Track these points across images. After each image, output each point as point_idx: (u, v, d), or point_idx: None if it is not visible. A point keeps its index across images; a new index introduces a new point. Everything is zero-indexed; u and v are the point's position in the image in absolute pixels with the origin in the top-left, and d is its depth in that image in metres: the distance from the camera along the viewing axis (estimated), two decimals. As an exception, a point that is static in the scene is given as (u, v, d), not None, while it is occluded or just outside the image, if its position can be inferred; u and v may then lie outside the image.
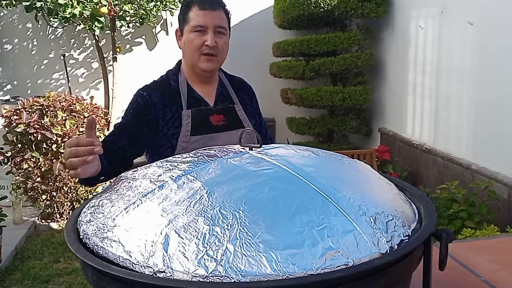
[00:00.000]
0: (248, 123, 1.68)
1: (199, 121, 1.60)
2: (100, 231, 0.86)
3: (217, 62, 1.63)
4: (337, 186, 0.88)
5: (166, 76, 1.70)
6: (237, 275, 0.71)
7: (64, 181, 4.13)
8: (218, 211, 0.80)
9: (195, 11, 1.58)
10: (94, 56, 5.66)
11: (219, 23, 1.60)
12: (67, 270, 3.48)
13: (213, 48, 1.58)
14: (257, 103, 1.81)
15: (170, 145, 1.58)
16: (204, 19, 1.57)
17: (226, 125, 1.64)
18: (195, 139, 1.58)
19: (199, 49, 1.58)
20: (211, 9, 1.58)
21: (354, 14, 4.94)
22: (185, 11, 1.61)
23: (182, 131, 1.58)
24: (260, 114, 1.83)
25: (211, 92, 1.69)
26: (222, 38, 1.62)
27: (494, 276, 1.18)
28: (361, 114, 5.39)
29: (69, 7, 4.54)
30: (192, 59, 1.61)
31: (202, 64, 1.60)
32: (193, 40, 1.58)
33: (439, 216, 3.16)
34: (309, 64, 4.95)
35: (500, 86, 3.43)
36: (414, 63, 4.61)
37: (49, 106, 4.09)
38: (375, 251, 0.77)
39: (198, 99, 1.65)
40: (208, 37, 1.57)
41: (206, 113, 1.63)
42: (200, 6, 1.57)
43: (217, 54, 1.61)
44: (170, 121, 1.60)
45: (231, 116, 1.67)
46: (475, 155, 3.73)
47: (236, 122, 1.66)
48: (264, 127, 1.84)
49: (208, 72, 1.64)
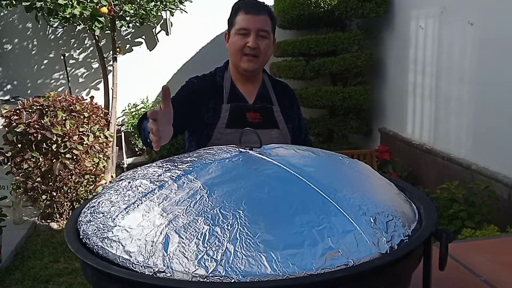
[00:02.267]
0: (284, 125, 1.77)
1: (235, 115, 1.72)
2: (100, 231, 0.86)
3: (258, 63, 1.73)
4: (337, 186, 0.88)
5: (214, 72, 1.82)
6: (237, 275, 0.71)
7: (64, 181, 4.13)
8: (218, 211, 0.80)
9: (241, 15, 1.70)
10: (94, 56, 5.66)
11: (261, 27, 1.69)
12: (67, 270, 3.48)
13: (254, 50, 1.69)
14: (298, 109, 1.90)
15: (207, 134, 1.70)
16: (248, 22, 1.68)
17: (261, 123, 1.73)
18: (229, 131, 1.69)
19: (241, 50, 1.69)
20: (255, 14, 1.69)
21: (354, 14, 4.94)
22: (234, 16, 1.73)
23: (219, 123, 1.70)
24: (301, 119, 1.91)
25: (252, 92, 1.79)
26: (264, 41, 1.71)
27: (494, 276, 1.18)
28: (361, 114, 5.39)
29: (69, 7, 4.54)
30: (235, 59, 1.73)
31: (243, 64, 1.71)
32: (237, 41, 1.70)
33: (439, 216, 3.16)
34: (309, 64, 4.95)
35: (500, 86, 3.43)
36: (414, 63, 4.61)
37: (49, 106, 4.09)
38: (375, 251, 0.77)
39: (239, 96, 1.76)
40: (250, 39, 1.68)
41: (243, 109, 1.74)
42: (246, 11, 1.69)
43: (258, 55, 1.71)
44: (210, 111, 1.72)
45: (267, 115, 1.76)
46: (475, 155, 3.73)
47: (271, 122, 1.76)
48: (304, 133, 1.92)
49: (250, 72, 1.74)
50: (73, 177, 4.17)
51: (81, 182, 4.27)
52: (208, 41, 5.85)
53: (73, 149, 4.06)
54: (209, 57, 5.54)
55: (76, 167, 4.14)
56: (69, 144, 4.04)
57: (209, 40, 5.85)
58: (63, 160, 4.03)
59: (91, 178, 4.35)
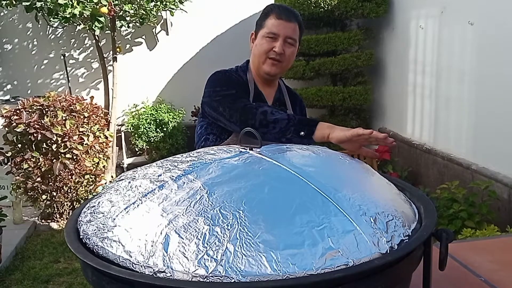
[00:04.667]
0: None
1: None
2: (100, 231, 0.86)
3: (281, 68, 1.75)
4: (337, 186, 0.88)
5: (236, 69, 1.81)
6: (237, 275, 0.71)
7: (64, 181, 4.13)
8: (218, 211, 0.80)
9: (272, 19, 1.70)
10: (94, 56, 5.66)
11: (290, 34, 1.71)
12: (67, 270, 3.48)
13: (279, 55, 1.70)
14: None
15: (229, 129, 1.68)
16: (278, 28, 1.69)
17: None
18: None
19: (267, 53, 1.71)
20: (286, 20, 1.70)
21: (354, 14, 4.94)
22: (264, 18, 1.74)
23: None
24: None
25: (270, 95, 1.81)
26: (290, 48, 1.72)
27: (494, 276, 1.18)
28: (361, 114, 5.39)
29: (69, 7, 4.54)
30: (259, 61, 1.74)
31: (266, 67, 1.73)
32: (263, 44, 1.71)
33: (439, 216, 3.16)
34: (309, 64, 4.95)
35: (500, 86, 3.43)
36: (414, 63, 4.61)
37: (49, 106, 4.09)
38: (375, 251, 0.77)
39: (261, 97, 1.77)
40: (278, 44, 1.69)
41: None
42: (277, 16, 1.70)
43: (282, 61, 1.72)
44: None
45: None
46: (475, 155, 3.73)
47: None
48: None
49: (271, 76, 1.76)
50: (73, 177, 4.17)
51: (81, 182, 4.27)
52: (208, 41, 5.85)
53: (73, 149, 4.06)
54: (209, 57, 5.55)
55: (76, 167, 4.14)
56: (69, 144, 4.04)
57: (209, 40, 5.85)
58: (63, 160, 4.03)
59: (91, 178, 4.35)
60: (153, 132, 5.52)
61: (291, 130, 1.48)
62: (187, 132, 5.63)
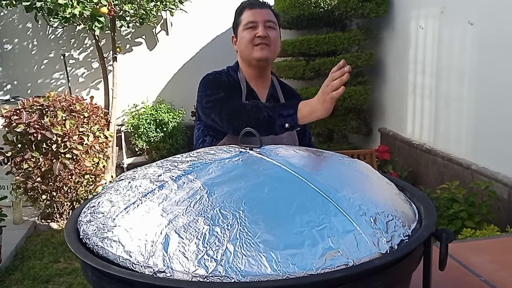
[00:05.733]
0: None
1: None
2: (100, 231, 0.86)
3: (271, 52, 1.73)
4: (337, 186, 0.88)
5: (227, 70, 1.81)
6: (237, 275, 0.71)
7: (64, 181, 4.13)
8: (218, 211, 0.80)
9: (246, 12, 1.74)
10: (94, 56, 5.66)
11: (268, 18, 1.73)
12: (67, 270, 3.48)
13: (265, 39, 1.70)
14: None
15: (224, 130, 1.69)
16: (254, 16, 1.72)
17: None
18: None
19: (252, 41, 1.71)
20: (259, 8, 1.74)
21: (354, 14, 4.94)
22: (238, 16, 1.78)
23: None
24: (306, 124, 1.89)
25: (263, 92, 1.80)
26: (273, 32, 1.73)
27: (494, 276, 1.17)
28: (361, 114, 5.39)
29: (69, 7, 4.54)
30: (247, 52, 1.73)
31: (256, 53, 1.71)
32: (246, 35, 1.72)
33: (439, 216, 3.16)
34: (309, 64, 4.95)
35: (500, 86, 3.43)
36: (414, 63, 4.61)
37: (49, 106, 4.09)
38: (375, 251, 0.77)
39: (254, 95, 1.76)
40: (259, 29, 1.70)
41: None
42: (250, 7, 1.74)
43: (270, 44, 1.72)
44: None
45: None
46: (475, 155, 3.73)
47: None
48: (308, 137, 1.91)
49: (263, 61, 1.73)
50: (73, 177, 4.17)
51: (81, 182, 4.27)
52: (208, 41, 5.85)
53: (73, 149, 4.06)
54: (209, 57, 5.55)
55: (76, 167, 4.14)
56: (69, 144, 4.04)
57: (209, 40, 5.85)
58: (63, 160, 4.03)
59: (91, 178, 4.35)
60: (153, 132, 5.52)
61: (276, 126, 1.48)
62: (187, 132, 5.63)
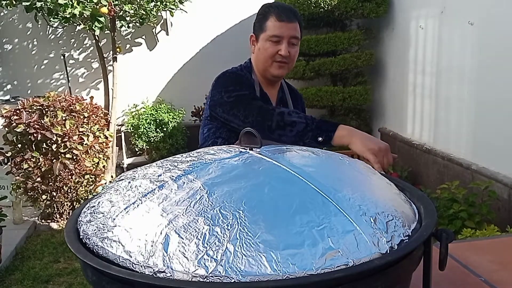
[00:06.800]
0: None
1: None
2: (100, 231, 0.86)
3: (287, 69, 1.74)
4: (337, 186, 0.88)
5: (241, 69, 1.79)
6: (237, 275, 0.71)
7: (64, 181, 4.13)
8: (218, 211, 0.80)
9: (273, 21, 1.68)
10: (94, 56, 5.67)
11: (293, 34, 1.69)
12: (67, 270, 3.48)
13: (285, 57, 1.68)
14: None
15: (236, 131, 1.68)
16: (281, 30, 1.66)
17: None
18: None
19: (273, 57, 1.69)
20: (288, 21, 1.67)
21: (354, 14, 4.94)
22: (263, 20, 1.71)
23: None
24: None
25: (274, 95, 1.81)
26: (294, 48, 1.71)
27: (494, 276, 1.17)
28: (361, 114, 5.39)
29: (69, 7, 4.54)
30: (265, 65, 1.72)
31: (274, 71, 1.71)
32: (268, 48, 1.68)
33: (439, 216, 3.16)
34: (309, 64, 4.95)
35: (500, 86, 3.43)
36: (414, 63, 4.61)
37: (49, 106, 4.09)
38: (375, 251, 0.77)
39: (266, 98, 1.76)
40: (283, 47, 1.67)
41: None
42: (278, 18, 1.67)
43: (288, 62, 1.71)
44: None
45: None
46: (475, 155, 3.73)
47: None
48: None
49: (279, 78, 1.77)
50: (73, 177, 4.17)
51: (81, 182, 4.27)
52: (208, 41, 5.86)
53: (73, 149, 4.06)
54: (209, 57, 5.56)
55: (76, 167, 4.14)
56: (69, 144, 4.04)
57: (209, 40, 5.85)
58: (63, 160, 4.03)
59: (91, 178, 4.36)
60: (153, 132, 5.52)
61: (308, 135, 1.45)
62: (187, 132, 5.64)
